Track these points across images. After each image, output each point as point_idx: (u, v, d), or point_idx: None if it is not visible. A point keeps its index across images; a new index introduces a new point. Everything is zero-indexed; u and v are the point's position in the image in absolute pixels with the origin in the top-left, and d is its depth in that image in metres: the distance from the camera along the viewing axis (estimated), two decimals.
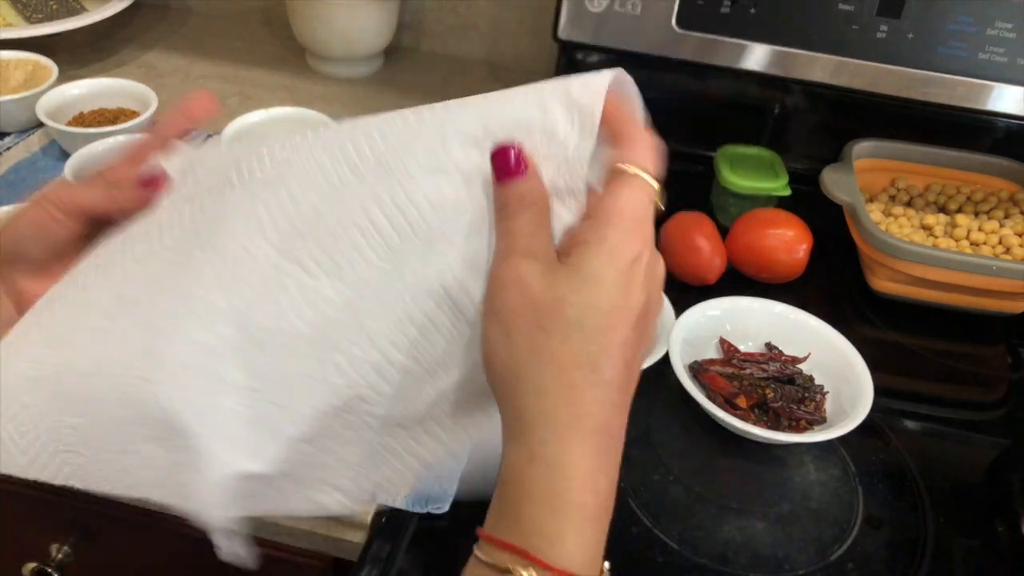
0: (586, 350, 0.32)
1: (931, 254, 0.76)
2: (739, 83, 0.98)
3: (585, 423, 0.32)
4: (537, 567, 0.30)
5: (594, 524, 0.32)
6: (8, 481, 0.64)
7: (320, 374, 0.37)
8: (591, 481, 0.32)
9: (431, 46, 1.21)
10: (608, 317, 0.32)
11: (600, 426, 0.32)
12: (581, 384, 0.32)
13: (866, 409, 0.64)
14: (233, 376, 0.37)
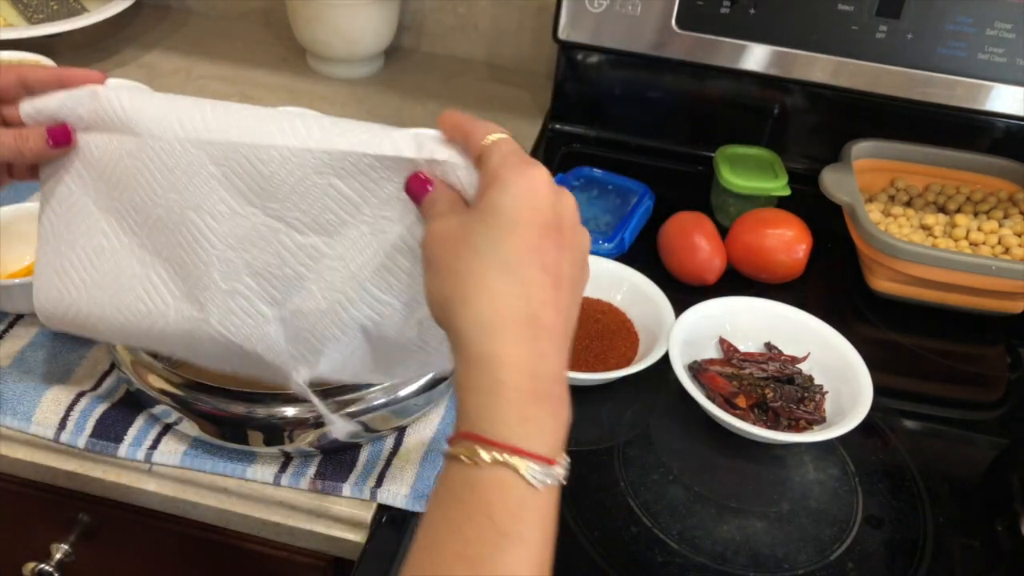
0: (498, 258, 0.37)
1: (930, 254, 0.77)
2: (739, 83, 0.98)
3: (508, 318, 0.36)
4: (482, 444, 0.34)
5: (538, 405, 0.35)
6: (9, 480, 0.64)
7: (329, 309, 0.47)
8: (526, 367, 0.35)
9: (431, 47, 1.21)
10: (514, 230, 0.37)
11: (525, 319, 0.36)
12: (498, 286, 0.36)
13: (865, 409, 0.65)
14: (265, 311, 0.48)
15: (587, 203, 0.87)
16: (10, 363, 0.66)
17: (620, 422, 0.68)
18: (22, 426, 0.61)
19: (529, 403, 0.35)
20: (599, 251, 0.80)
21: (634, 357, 0.71)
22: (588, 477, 0.63)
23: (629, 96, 1.02)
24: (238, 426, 0.58)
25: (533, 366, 0.36)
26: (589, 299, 0.76)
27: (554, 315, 0.37)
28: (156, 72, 1.09)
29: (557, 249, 0.38)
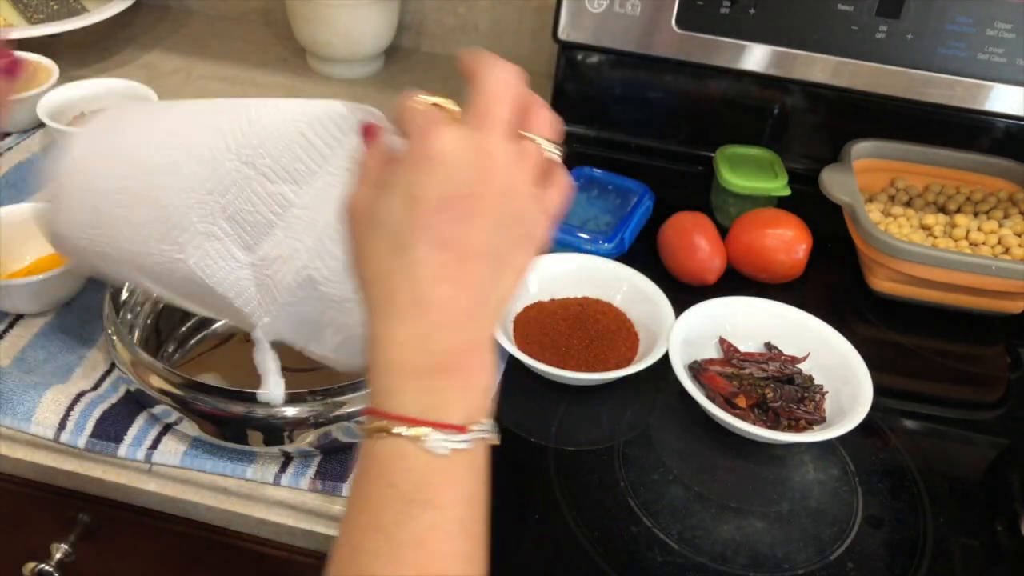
0: (390, 237, 0.36)
1: (930, 254, 0.77)
2: (739, 83, 0.98)
3: (398, 298, 0.36)
4: (380, 417, 0.35)
5: (436, 377, 0.35)
6: (9, 480, 0.64)
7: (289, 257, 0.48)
8: (415, 345, 0.36)
9: (431, 47, 1.21)
10: (408, 205, 0.36)
11: (411, 299, 0.36)
12: (391, 267, 0.36)
13: (865, 409, 0.65)
14: (239, 256, 0.49)
15: (587, 203, 0.87)
16: (10, 363, 0.66)
17: (620, 422, 0.68)
18: (22, 426, 0.61)
19: (424, 376, 0.35)
20: (599, 251, 0.80)
21: (634, 357, 0.71)
22: (588, 477, 0.63)
23: (629, 96, 1.02)
24: (238, 426, 0.58)
25: (423, 344, 0.36)
26: (589, 299, 0.76)
27: (452, 290, 0.36)
28: (156, 72, 1.09)
29: (455, 221, 0.36)
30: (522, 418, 0.67)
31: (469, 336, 0.37)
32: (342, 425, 0.58)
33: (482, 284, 0.37)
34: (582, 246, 0.80)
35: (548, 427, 0.67)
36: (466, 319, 0.37)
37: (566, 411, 0.68)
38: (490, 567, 0.57)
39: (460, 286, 0.36)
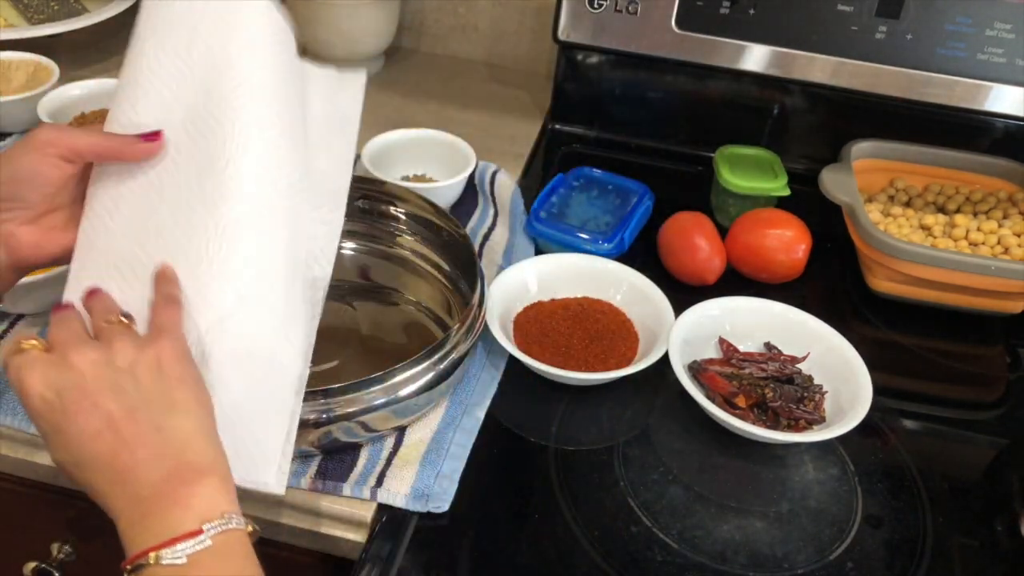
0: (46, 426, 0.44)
1: (930, 254, 0.77)
2: (738, 84, 0.98)
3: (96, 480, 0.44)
4: (131, 564, 0.42)
5: (155, 508, 0.42)
6: (9, 480, 0.64)
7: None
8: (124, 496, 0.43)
9: (431, 47, 1.21)
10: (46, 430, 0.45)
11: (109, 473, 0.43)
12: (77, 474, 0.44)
13: (865, 409, 0.65)
14: None
15: (587, 203, 0.87)
16: None
17: (620, 422, 0.68)
18: (22, 426, 0.61)
19: (146, 515, 0.42)
20: (599, 251, 0.80)
21: (634, 357, 0.71)
22: (588, 477, 0.63)
23: (629, 96, 1.02)
24: None
25: (130, 492, 0.42)
26: (589, 299, 0.76)
27: (120, 449, 0.43)
28: None
29: (70, 424, 0.43)
30: (522, 418, 0.67)
31: (164, 463, 0.43)
32: (342, 425, 0.58)
33: (144, 434, 0.43)
34: (582, 246, 0.80)
35: (548, 427, 0.67)
36: (149, 452, 0.43)
37: (566, 411, 0.68)
38: (491, 567, 0.57)
39: (120, 444, 0.43)
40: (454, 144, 0.89)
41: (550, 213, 0.85)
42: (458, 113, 1.07)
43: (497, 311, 0.71)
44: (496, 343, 0.68)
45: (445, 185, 0.83)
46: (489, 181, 0.90)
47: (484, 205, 0.89)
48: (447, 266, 0.76)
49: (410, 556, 0.56)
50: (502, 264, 0.80)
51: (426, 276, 0.77)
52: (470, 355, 0.66)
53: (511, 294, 0.74)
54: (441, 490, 0.59)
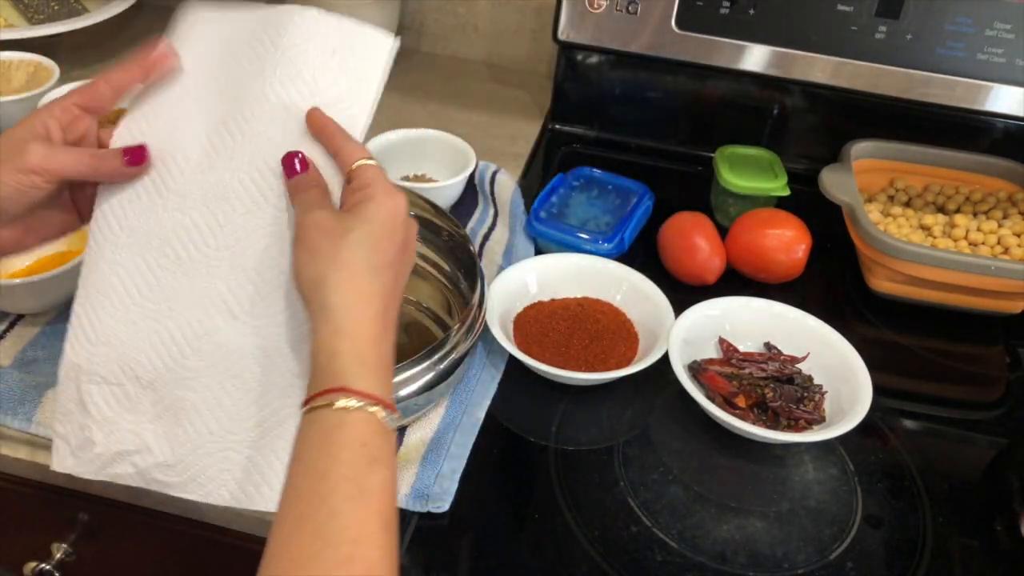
0: (368, 260, 0.46)
1: (930, 254, 0.77)
2: (738, 84, 0.98)
3: (370, 308, 0.46)
4: (351, 394, 0.43)
5: (383, 370, 0.45)
6: (9, 480, 0.64)
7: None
8: (376, 344, 0.45)
9: (431, 47, 1.21)
10: (381, 241, 0.47)
11: (381, 310, 0.46)
12: (365, 282, 0.46)
13: (865, 409, 0.65)
14: None
15: (587, 203, 0.87)
16: (10, 363, 0.66)
17: (620, 422, 0.68)
18: (23, 426, 0.61)
19: (380, 368, 0.45)
20: (599, 251, 0.80)
21: (634, 357, 0.71)
22: (588, 477, 0.63)
23: (629, 96, 1.02)
24: None
25: (380, 344, 0.46)
26: (589, 299, 0.76)
27: (393, 310, 0.48)
28: None
29: (403, 263, 0.49)
30: (522, 418, 0.67)
31: (394, 347, 0.48)
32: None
33: (398, 308, 0.49)
34: (582, 246, 0.80)
35: (548, 427, 0.67)
36: (395, 328, 0.48)
37: (566, 411, 0.68)
38: (491, 567, 0.57)
39: (395, 307, 0.48)
40: (454, 144, 0.89)
41: (550, 213, 0.85)
42: (458, 113, 1.07)
43: (497, 311, 0.71)
44: (496, 343, 0.68)
45: (445, 185, 0.83)
46: (489, 181, 0.90)
47: (484, 205, 0.89)
48: (447, 266, 0.76)
49: (410, 556, 0.56)
50: (502, 264, 0.80)
51: (426, 276, 0.77)
52: (470, 355, 0.66)
53: (511, 294, 0.74)
54: (441, 490, 0.59)
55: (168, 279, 0.52)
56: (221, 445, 0.51)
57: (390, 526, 0.41)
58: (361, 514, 0.40)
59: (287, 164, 0.51)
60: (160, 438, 0.52)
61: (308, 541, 0.39)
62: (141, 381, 0.52)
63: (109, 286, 0.53)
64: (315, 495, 0.40)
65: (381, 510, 0.41)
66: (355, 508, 0.40)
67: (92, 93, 0.52)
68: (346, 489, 0.40)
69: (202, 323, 0.52)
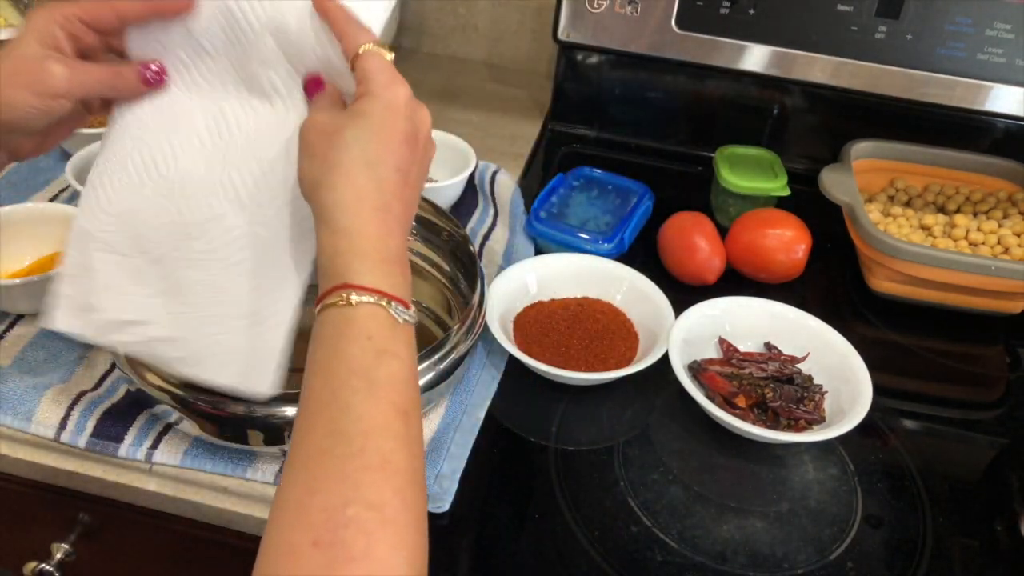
0: (363, 156, 0.45)
1: (930, 254, 0.77)
2: (738, 84, 0.98)
3: (367, 203, 0.45)
4: (354, 289, 0.42)
5: (390, 265, 0.44)
6: (9, 480, 0.64)
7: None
8: (379, 239, 0.44)
9: (432, 47, 1.21)
10: (378, 134, 0.46)
11: (380, 205, 0.45)
12: (361, 179, 0.45)
13: (865, 409, 0.65)
14: None
15: (587, 203, 0.87)
16: (10, 363, 0.66)
17: (620, 422, 0.68)
18: (23, 426, 0.61)
19: (383, 263, 0.44)
20: (599, 251, 0.80)
21: (634, 357, 0.71)
22: (588, 477, 0.63)
23: (629, 96, 1.02)
24: (238, 426, 0.58)
25: (384, 239, 0.45)
26: (589, 299, 0.76)
27: (401, 206, 0.46)
28: None
29: (411, 154, 0.47)
30: (522, 418, 0.67)
31: (404, 242, 0.47)
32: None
33: (411, 203, 0.48)
34: (582, 246, 0.80)
35: (548, 427, 0.67)
36: (405, 228, 0.47)
37: (566, 411, 0.68)
38: (491, 567, 0.57)
39: (403, 203, 0.47)
40: (454, 144, 0.89)
41: (550, 213, 0.85)
42: (458, 113, 1.07)
43: (497, 311, 0.71)
44: (496, 343, 0.68)
45: (445, 185, 0.83)
46: (489, 181, 0.90)
47: (484, 205, 0.89)
48: (447, 266, 0.76)
49: None
50: (502, 264, 0.80)
51: (426, 276, 0.77)
52: (470, 355, 0.66)
53: (511, 294, 0.74)
54: (441, 490, 0.59)
55: (187, 161, 0.54)
56: (222, 328, 0.52)
57: (406, 416, 0.41)
58: (370, 406, 0.40)
59: (310, 87, 0.52)
60: (163, 313, 0.53)
61: (320, 437, 0.39)
62: (149, 256, 0.53)
63: (129, 159, 0.54)
64: (325, 391, 0.41)
65: (393, 400, 0.41)
66: (364, 400, 0.40)
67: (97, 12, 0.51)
68: (354, 383, 0.40)
69: (212, 207, 0.53)
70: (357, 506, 0.37)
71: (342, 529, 0.36)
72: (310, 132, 0.47)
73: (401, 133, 0.46)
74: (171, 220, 0.53)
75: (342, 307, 0.42)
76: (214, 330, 0.52)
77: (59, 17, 0.50)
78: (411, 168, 0.47)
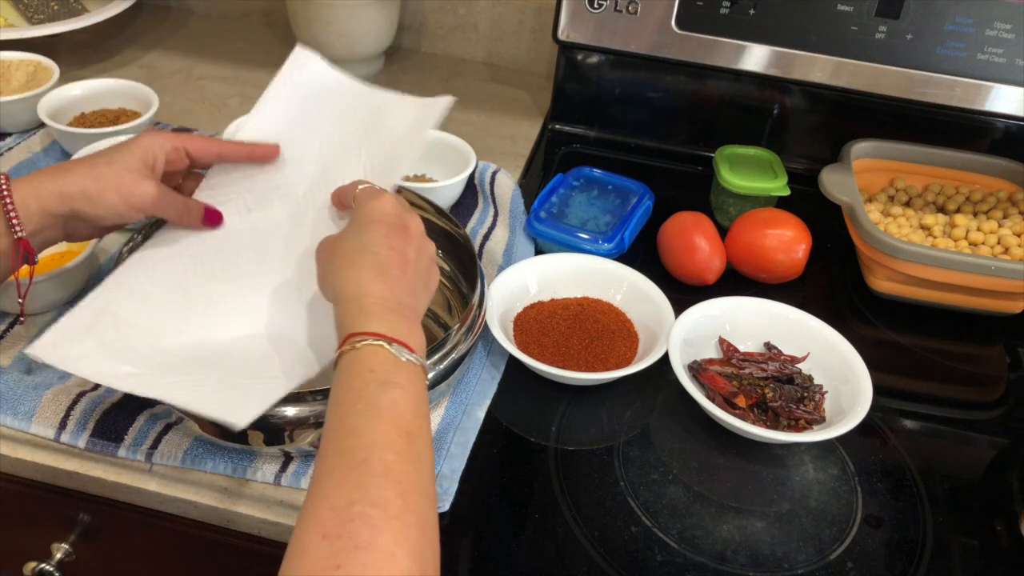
0: (358, 243, 0.53)
1: (930, 254, 0.77)
2: (738, 84, 0.98)
3: (365, 272, 0.52)
4: (359, 336, 0.48)
5: (394, 314, 0.50)
6: (9, 480, 0.64)
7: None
8: (380, 295, 0.50)
9: (431, 47, 1.21)
10: (367, 227, 0.54)
11: (376, 270, 0.52)
12: (356, 260, 0.52)
13: (865, 409, 0.65)
14: None
15: (587, 203, 0.87)
16: (10, 363, 0.66)
17: (620, 422, 0.68)
18: (23, 426, 0.61)
19: (387, 312, 0.49)
20: (599, 251, 0.80)
21: (634, 357, 0.71)
22: (588, 477, 0.63)
23: (629, 96, 1.02)
24: None
25: (386, 295, 0.50)
26: (589, 299, 0.76)
27: (399, 273, 0.52)
28: (156, 73, 1.09)
29: (402, 240, 0.54)
30: (522, 418, 0.67)
31: (411, 305, 0.52)
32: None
33: (412, 283, 0.53)
34: (582, 246, 0.80)
35: (548, 427, 0.67)
36: (411, 288, 0.53)
37: (566, 411, 0.68)
38: (491, 567, 0.57)
39: (402, 272, 0.53)
40: (454, 144, 0.89)
41: (550, 213, 0.85)
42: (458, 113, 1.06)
43: (497, 311, 0.71)
44: (496, 343, 0.68)
45: (445, 185, 0.83)
46: (489, 181, 0.90)
47: (484, 205, 0.89)
48: (447, 266, 0.76)
49: None
50: (502, 264, 0.80)
51: None
52: (470, 355, 0.66)
53: (511, 294, 0.74)
54: (441, 490, 0.59)
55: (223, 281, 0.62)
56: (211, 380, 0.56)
57: (410, 436, 0.44)
58: (375, 424, 0.44)
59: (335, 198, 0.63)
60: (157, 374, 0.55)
61: (331, 456, 0.43)
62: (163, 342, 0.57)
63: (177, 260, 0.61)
64: (335, 419, 0.45)
65: (396, 422, 0.44)
66: (367, 421, 0.44)
67: (203, 148, 0.62)
68: (359, 408, 0.45)
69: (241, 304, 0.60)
70: (362, 504, 0.40)
71: (348, 523, 0.39)
72: (321, 249, 0.56)
73: (387, 225, 0.54)
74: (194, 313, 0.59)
75: (348, 352, 0.47)
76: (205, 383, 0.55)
77: (169, 146, 0.60)
78: (405, 250, 0.54)
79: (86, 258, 0.70)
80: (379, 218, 0.54)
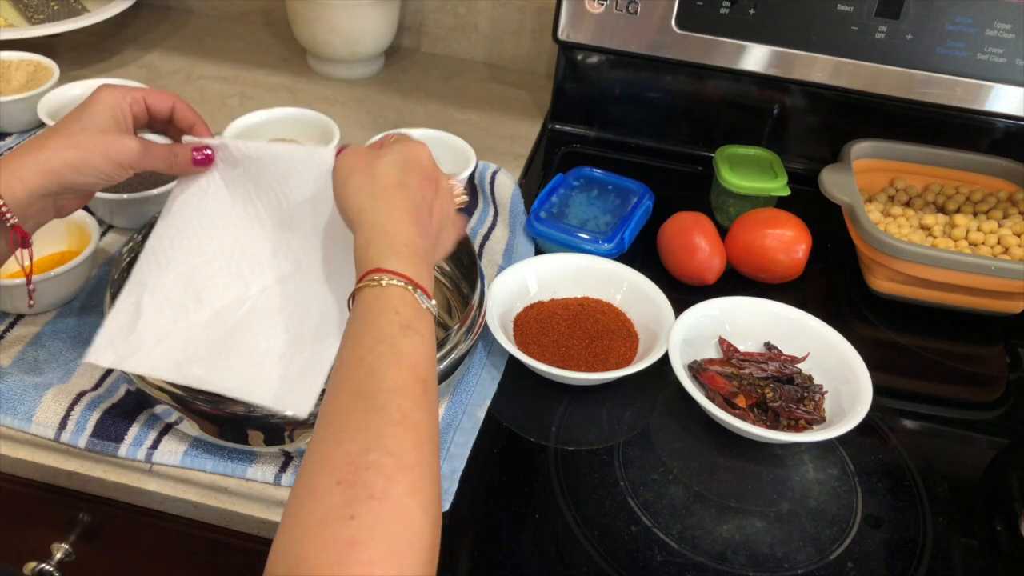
0: (396, 178, 0.53)
1: (930, 254, 0.77)
2: (738, 84, 0.98)
3: (400, 209, 0.51)
4: (387, 273, 0.48)
5: (418, 260, 0.50)
6: (9, 480, 0.64)
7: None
8: (410, 239, 0.50)
9: (431, 47, 1.21)
10: (407, 164, 0.54)
11: (411, 211, 0.52)
12: (395, 193, 0.52)
13: (865, 409, 0.65)
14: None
15: (587, 203, 0.87)
16: (10, 363, 0.66)
17: (620, 422, 0.68)
18: (23, 426, 0.61)
19: (413, 255, 0.50)
20: (599, 251, 0.80)
21: (634, 357, 0.71)
22: (588, 477, 0.63)
23: (629, 96, 1.02)
24: (238, 426, 0.58)
25: (414, 241, 0.50)
26: (589, 299, 0.76)
27: (428, 221, 0.53)
28: (156, 72, 1.09)
29: (433, 192, 0.55)
30: (522, 418, 0.67)
31: (431, 252, 0.53)
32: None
33: (435, 235, 0.54)
34: (582, 246, 0.80)
35: (548, 427, 0.67)
36: (432, 241, 0.54)
37: (566, 411, 0.68)
38: (491, 567, 0.57)
39: (430, 223, 0.54)
40: (454, 144, 0.89)
41: (550, 213, 0.85)
42: (458, 113, 1.07)
43: (497, 311, 0.71)
44: (496, 343, 0.68)
45: None
46: (489, 181, 0.90)
47: (484, 205, 0.89)
48: (447, 266, 0.76)
49: None
50: (502, 264, 0.80)
51: None
52: (470, 355, 0.66)
53: (511, 294, 0.74)
54: (441, 490, 0.59)
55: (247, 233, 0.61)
56: (258, 360, 0.56)
57: (425, 384, 0.45)
58: (395, 370, 0.44)
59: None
60: (206, 346, 0.56)
61: (347, 396, 0.43)
62: (202, 301, 0.58)
63: (190, 228, 0.60)
64: (353, 358, 0.45)
65: (415, 369, 0.45)
66: (388, 365, 0.44)
67: (159, 100, 0.59)
68: (380, 349, 0.45)
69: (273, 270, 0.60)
70: (378, 452, 0.40)
71: (364, 471, 0.39)
72: (344, 167, 0.54)
73: (423, 172, 0.54)
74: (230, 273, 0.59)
75: (373, 287, 0.47)
76: (250, 364, 0.55)
77: (130, 98, 0.58)
78: (432, 202, 0.54)
79: (86, 258, 0.70)
80: (417, 164, 0.54)
